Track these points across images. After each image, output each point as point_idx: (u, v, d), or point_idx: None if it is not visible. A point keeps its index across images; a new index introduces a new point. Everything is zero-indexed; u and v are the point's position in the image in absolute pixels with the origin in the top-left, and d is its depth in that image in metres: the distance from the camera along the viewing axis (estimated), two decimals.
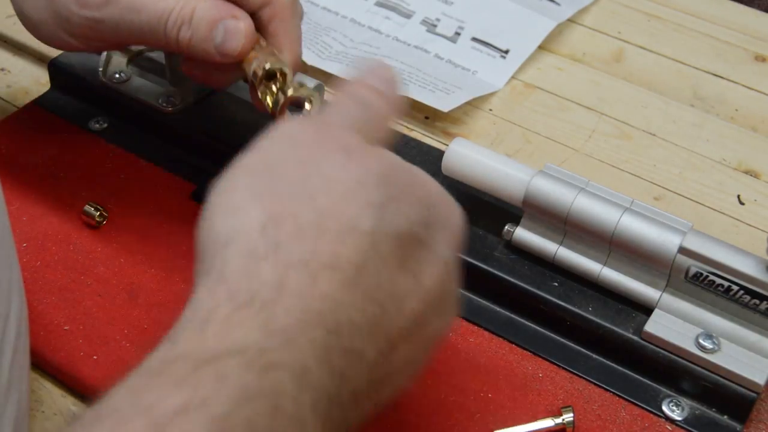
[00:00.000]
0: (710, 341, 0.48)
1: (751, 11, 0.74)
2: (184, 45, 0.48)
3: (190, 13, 0.47)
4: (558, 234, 0.52)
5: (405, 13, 0.71)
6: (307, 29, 0.68)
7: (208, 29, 0.47)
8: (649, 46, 0.71)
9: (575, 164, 0.61)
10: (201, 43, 0.47)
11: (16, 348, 0.38)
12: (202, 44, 0.47)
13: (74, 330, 0.49)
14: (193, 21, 0.47)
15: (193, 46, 0.47)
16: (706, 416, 0.48)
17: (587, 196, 0.50)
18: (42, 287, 0.51)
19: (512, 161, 0.53)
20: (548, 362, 0.50)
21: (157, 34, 0.48)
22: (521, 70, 0.68)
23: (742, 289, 0.47)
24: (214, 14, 0.47)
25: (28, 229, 0.53)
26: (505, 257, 0.53)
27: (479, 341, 0.51)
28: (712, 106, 0.66)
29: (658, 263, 0.48)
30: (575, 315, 0.50)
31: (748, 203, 0.59)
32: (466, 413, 0.47)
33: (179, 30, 0.47)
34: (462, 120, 0.64)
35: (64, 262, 0.52)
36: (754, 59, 0.70)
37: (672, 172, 0.61)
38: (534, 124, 0.64)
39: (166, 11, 0.47)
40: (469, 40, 0.69)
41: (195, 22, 0.47)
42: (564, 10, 0.72)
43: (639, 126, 0.64)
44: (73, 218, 0.54)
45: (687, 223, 0.49)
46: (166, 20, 0.47)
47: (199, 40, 0.47)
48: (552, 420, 0.46)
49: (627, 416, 0.48)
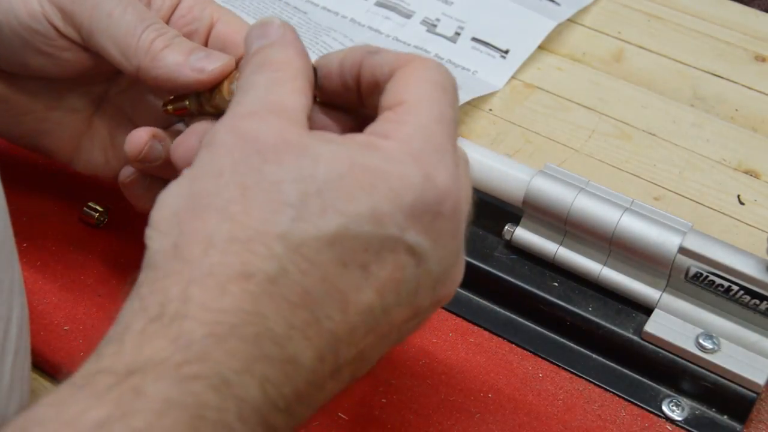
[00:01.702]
0: (710, 341, 0.48)
1: (751, 11, 0.74)
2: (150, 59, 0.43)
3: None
4: (558, 234, 0.52)
5: (405, 13, 0.71)
6: (307, 29, 0.68)
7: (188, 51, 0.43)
8: (649, 46, 0.71)
9: (575, 164, 0.61)
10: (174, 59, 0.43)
11: (18, 348, 0.38)
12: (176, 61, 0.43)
13: (74, 330, 0.49)
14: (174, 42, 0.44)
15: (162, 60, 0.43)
16: (706, 416, 0.48)
17: (587, 196, 0.50)
18: (42, 287, 0.51)
19: (512, 161, 0.53)
20: (548, 362, 0.50)
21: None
22: (521, 70, 0.68)
23: (742, 289, 0.47)
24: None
25: (28, 229, 0.53)
26: (505, 257, 0.53)
27: (479, 341, 0.51)
28: (712, 106, 0.66)
29: (658, 263, 0.48)
30: (575, 315, 0.50)
31: (748, 203, 0.59)
32: (466, 413, 0.47)
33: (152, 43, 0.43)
34: (462, 120, 0.64)
35: (64, 262, 0.52)
36: (754, 59, 0.70)
37: (672, 172, 0.61)
38: (534, 124, 0.64)
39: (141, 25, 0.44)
40: (469, 40, 0.69)
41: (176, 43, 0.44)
42: (564, 10, 0.72)
43: (639, 126, 0.64)
44: (73, 218, 0.54)
45: (687, 223, 0.49)
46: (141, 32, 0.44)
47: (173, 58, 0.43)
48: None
49: (627, 416, 0.48)
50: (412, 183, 0.33)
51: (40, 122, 0.48)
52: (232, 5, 0.68)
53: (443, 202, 0.34)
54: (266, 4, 0.70)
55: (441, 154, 0.34)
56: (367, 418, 0.47)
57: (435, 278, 0.35)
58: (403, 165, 0.33)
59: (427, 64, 0.37)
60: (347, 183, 0.32)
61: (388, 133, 0.34)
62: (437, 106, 0.35)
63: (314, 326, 0.31)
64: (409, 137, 0.34)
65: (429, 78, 0.36)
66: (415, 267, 0.33)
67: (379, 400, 0.47)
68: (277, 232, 0.31)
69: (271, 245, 0.31)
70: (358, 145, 0.34)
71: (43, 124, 0.48)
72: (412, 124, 0.34)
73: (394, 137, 0.34)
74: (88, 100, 0.49)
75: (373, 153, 0.33)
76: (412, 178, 0.33)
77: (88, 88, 0.49)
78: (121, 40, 0.43)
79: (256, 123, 0.34)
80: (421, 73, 0.36)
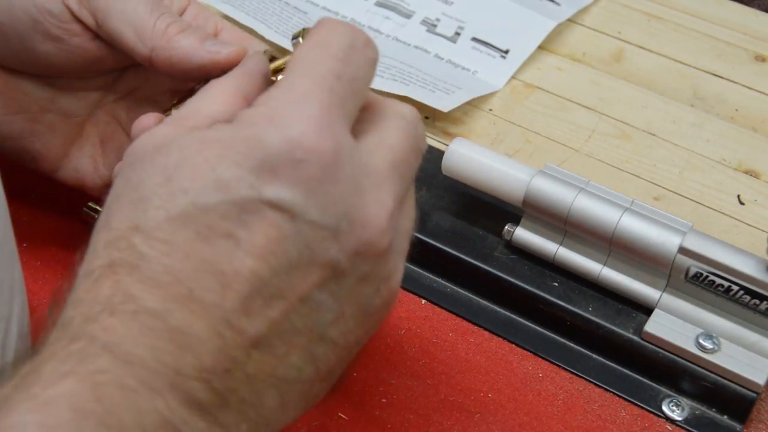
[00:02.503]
0: (710, 341, 0.48)
1: (751, 11, 0.74)
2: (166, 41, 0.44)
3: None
4: (558, 234, 0.52)
5: (405, 13, 0.71)
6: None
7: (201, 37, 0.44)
8: (649, 46, 0.71)
9: (575, 164, 0.61)
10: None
11: (18, 349, 0.38)
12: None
13: None
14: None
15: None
16: (706, 416, 0.48)
17: (587, 196, 0.50)
18: (42, 287, 0.51)
19: (512, 161, 0.53)
20: (548, 362, 0.50)
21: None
22: (521, 70, 0.68)
23: (742, 289, 0.47)
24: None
25: (28, 229, 0.53)
26: (505, 257, 0.53)
27: (479, 341, 0.51)
28: (712, 106, 0.66)
29: (658, 263, 0.48)
30: (575, 315, 0.50)
31: (748, 203, 0.59)
32: (466, 413, 0.47)
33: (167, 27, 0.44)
34: (462, 120, 0.64)
35: (64, 262, 0.52)
36: (754, 59, 0.70)
37: (672, 172, 0.61)
38: (534, 124, 0.64)
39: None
40: (469, 40, 0.69)
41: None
42: (564, 10, 0.72)
43: (639, 126, 0.64)
44: (73, 218, 0.54)
45: (687, 223, 0.49)
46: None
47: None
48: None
49: (627, 416, 0.48)
50: (259, 141, 0.32)
51: (32, 123, 0.48)
52: (232, 5, 0.68)
53: (300, 147, 0.32)
54: (266, 4, 0.70)
55: (297, 103, 0.33)
56: (367, 418, 0.47)
57: (328, 227, 0.32)
58: (253, 127, 0.32)
59: (324, 26, 0.35)
60: (194, 162, 0.32)
61: (256, 102, 0.34)
62: (309, 62, 0.34)
63: (195, 301, 0.31)
64: (268, 98, 0.33)
65: (317, 40, 0.35)
66: (291, 222, 0.32)
67: (379, 400, 0.47)
68: (133, 225, 0.32)
69: (128, 238, 0.32)
70: (220, 123, 0.34)
71: (34, 125, 0.48)
72: (278, 85, 0.34)
73: (257, 103, 0.34)
74: (84, 105, 0.49)
75: (227, 126, 0.33)
76: (259, 136, 0.32)
77: (85, 93, 0.49)
78: (138, 23, 0.43)
79: (150, 134, 0.35)
80: (313, 36, 0.35)
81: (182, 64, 0.43)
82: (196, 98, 0.37)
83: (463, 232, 0.54)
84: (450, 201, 0.56)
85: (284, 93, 0.33)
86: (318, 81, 0.33)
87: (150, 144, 0.34)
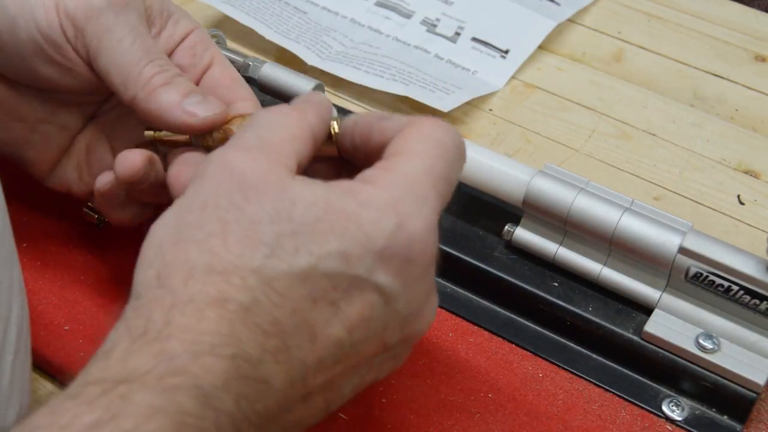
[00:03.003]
0: (710, 341, 0.48)
1: (751, 11, 0.74)
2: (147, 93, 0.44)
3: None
4: (558, 234, 0.52)
5: (405, 13, 0.71)
6: (307, 29, 0.68)
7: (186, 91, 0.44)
8: (649, 46, 0.71)
9: (575, 164, 0.61)
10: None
11: (18, 349, 0.38)
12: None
13: (74, 330, 0.49)
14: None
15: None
16: (706, 416, 0.48)
17: (587, 196, 0.50)
18: (42, 287, 0.51)
19: (512, 161, 0.53)
20: (548, 362, 0.50)
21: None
22: (521, 70, 0.68)
23: (742, 289, 0.47)
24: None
25: (28, 229, 0.53)
26: (505, 257, 0.53)
27: (479, 341, 0.51)
28: (712, 106, 0.66)
29: (658, 263, 0.48)
30: (575, 315, 0.50)
31: (748, 203, 0.59)
32: (466, 413, 0.47)
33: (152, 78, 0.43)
34: (462, 120, 0.64)
35: (64, 262, 0.52)
36: (754, 59, 0.70)
37: (672, 172, 0.61)
38: (534, 124, 0.64)
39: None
40: (469, 40, 0.69)
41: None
42: (564, 10, 0.72)
43: (639, 126, 0.64)
44: (73, 218, 0.54)
45: (687, 224, 0.49)
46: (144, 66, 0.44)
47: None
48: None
49: (627, 416, 0.48)
50: (384, 228, 0.35)
51: (29, 132, 0.48)
52: (232, 5, 0.68)
53: (413, 248, 0.35)
54: (266, 4, 0.70)
55: (420, 204, 0.36)
56: (367, 418, 0.47)
57: (404, 317, 0.37)
58: (378, 211, 0.35)
59: (434, 123, 0.39)
60: (321, 226, 0.35)
61: (373, 179, 0.36)
62: (429, 159, 0.37)
63: (285, 353, 0.34)
64: (390, 184, 0.36)
65: (430, 134, 0.38)
66: (384, 306, 0.36)
67: (379, 400, 0.47)
68: (251, 267, 0.34)
69: (245, 277, 0.34)
70: (339, 189, 0.36)
71: (31, 134, 0.48)
72: (398, 172, 0.36)
73: (377, 183, 0.36)
74: (79, 118, 0.49)
75: (351, 198, 0.35)
76: (384, 224, 0.35)
77: (83, 107, 0.49)
78: (125, 68, 0.44)
79: (244, 158, 0.36)
80: (425, 129, 0.38)
81: (158, 120, 0.44)
82: (274, 126, 0.38)
83: (463, 232, 0.54)
84: (450, 201, 0.56)
85: (406, 187, 0.36)
86: (435, 183, 0.37)
87: (258, 173, 0.35)
